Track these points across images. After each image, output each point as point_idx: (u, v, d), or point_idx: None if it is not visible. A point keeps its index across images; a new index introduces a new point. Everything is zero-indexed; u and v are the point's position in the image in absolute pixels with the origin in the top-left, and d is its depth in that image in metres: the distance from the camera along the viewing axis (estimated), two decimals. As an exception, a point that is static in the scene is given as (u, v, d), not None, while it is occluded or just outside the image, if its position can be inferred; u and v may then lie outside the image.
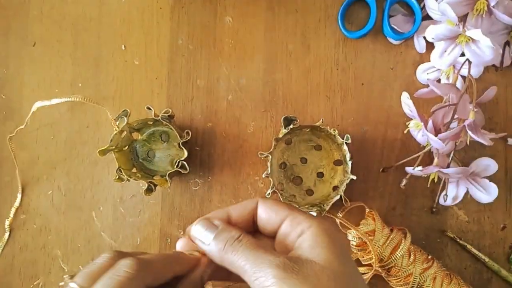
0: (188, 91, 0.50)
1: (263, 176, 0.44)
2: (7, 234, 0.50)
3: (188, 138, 0.44)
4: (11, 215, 0.50)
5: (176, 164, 0.44)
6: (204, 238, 0.26)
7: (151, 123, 0.47)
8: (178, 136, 0.45)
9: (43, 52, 0.51)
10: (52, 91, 0.50)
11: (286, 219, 0.27)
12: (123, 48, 0.50)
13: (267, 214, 0.28)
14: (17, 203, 0.50)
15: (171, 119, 0.45)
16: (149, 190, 0.44)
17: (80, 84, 0.50)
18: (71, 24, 0.51)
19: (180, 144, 0.44)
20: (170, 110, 0.44)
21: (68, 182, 0.50)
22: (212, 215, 0.28)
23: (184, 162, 0.43)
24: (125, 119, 0.43)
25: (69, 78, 0.51)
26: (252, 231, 0.29)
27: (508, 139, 0.47)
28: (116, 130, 0.43)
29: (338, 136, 0.44)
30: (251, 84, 0.50)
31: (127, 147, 0.47)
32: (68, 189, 0.50)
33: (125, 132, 0.45)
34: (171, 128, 0.45)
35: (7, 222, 0.50)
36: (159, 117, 0.43)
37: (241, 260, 0.24)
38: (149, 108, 0.44)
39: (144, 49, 0.50)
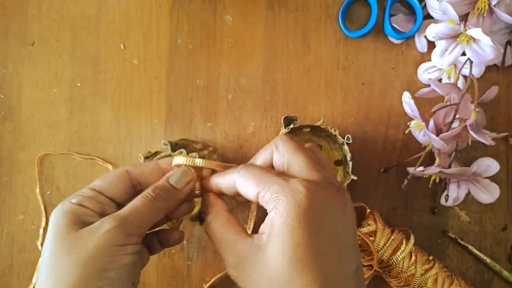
0: (188, 90, 0.50)
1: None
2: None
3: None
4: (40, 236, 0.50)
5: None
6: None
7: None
8: None
9: (42, 51, 0.51)
10: (51, 91, 0.50)
11: (259, 194, 0.26)
12: (122, 47, 0.50)
13: (243, 190, 0.27)
14: (43, 224, 0.50)
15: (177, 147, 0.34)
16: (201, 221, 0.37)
17: (79, 84, 0.50)
18: (70, 23, 0.51)
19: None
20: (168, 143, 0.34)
21: (67, 182, 0.50)
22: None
23: None
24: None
25: (68, 77, 0.50)
26: None
27: (510, 139, 0.47)
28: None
29: (339, 136, 0.44)
30: (251, 83, 0.49)
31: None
32: (67, 189, 0.50)
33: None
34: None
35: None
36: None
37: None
38: (166, 144, 0.33)
39: (143, 49, 0.50)
